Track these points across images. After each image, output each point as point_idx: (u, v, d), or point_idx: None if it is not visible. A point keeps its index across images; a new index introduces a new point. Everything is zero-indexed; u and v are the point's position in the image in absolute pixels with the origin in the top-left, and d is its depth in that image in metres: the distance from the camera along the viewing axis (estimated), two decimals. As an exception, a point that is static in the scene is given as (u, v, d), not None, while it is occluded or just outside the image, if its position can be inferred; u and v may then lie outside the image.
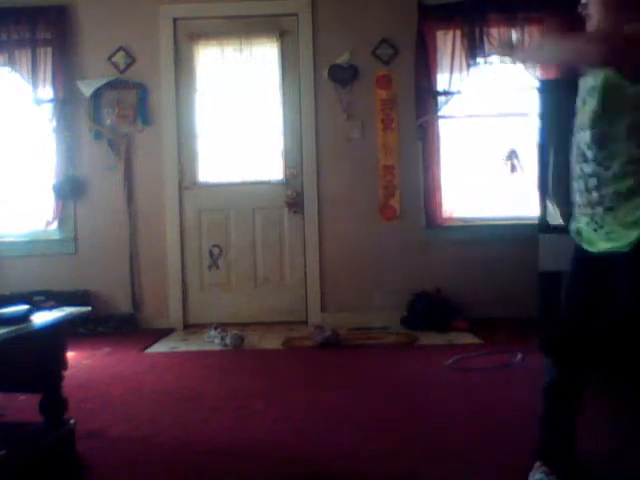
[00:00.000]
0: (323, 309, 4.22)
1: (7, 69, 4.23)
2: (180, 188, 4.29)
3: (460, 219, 4.22)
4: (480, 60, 4.09)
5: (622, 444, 1.90)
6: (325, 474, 1.73)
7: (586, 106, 1.57)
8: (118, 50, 4.23)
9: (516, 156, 4.07)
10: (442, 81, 4.13)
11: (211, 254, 4.32)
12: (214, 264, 4.32)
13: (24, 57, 4.19)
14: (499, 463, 1.78)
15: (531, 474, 1.63)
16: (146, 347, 3.61)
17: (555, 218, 3.04)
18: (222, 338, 3.58)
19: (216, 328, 3.73)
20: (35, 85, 4.20)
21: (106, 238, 4.26)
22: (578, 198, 1.63)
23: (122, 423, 2.21)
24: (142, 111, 4.24)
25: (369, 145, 4.20)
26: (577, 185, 1.62)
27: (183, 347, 3.62)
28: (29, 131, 4.33)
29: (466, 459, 1.81)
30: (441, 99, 4.14)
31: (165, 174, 4.28)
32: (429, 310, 3.88)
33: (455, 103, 4.18)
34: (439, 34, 4.16)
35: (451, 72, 4.11)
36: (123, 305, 4.25)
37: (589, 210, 1.59)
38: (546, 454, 1.67)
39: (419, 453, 1.88)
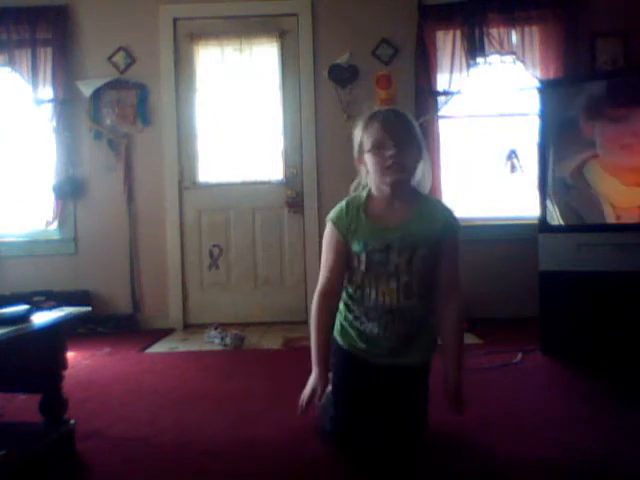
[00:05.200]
0: (323, 309, 4.21)
1: (7, 69, 4.23)
2: (180, 188, 4.29)
3: (460, 219, 4.19)
4: (480, 60, 4.10)
5: (623, 443, 1.90)
6: (325, 474, 1.73)
7: None
8: (118, 50, 4.24)
9: (516, 156, 4.07)
10: (442, 81, 4.14)
11: (211, 254, 4.32)
12: (214, 264, 4.32)
13: (24, 57, 4.19)
14: (497, 463, 1.78)
15: None
16: (146, 347, 3.61)
17: (555, 218, 3.04)
18: (222, 338, 3.58)
19: (216, 328, 3.73)
20: (35, 85, 4.20)
21: (106, 238, 4.27)
22: None
23: (122, 423, 2.21)
24: (142, 111, 4.24)
25: (369, 145, 4.20)
26: None
27: (183, 347, 3.62)
28: (29, 131, 4.33)
29: (464, 458, 1.81)
30: (441, 99, 4.14)
31: (165, 174, 4.28)
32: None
33: (455, 103, 4.18)
34: (439, 34, 4.16)
35: (451, 72, 4.11)
36: (123, 305, 4.26)
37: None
38: None
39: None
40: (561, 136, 3.06)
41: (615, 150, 2.91)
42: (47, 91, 4.22)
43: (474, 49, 4.06)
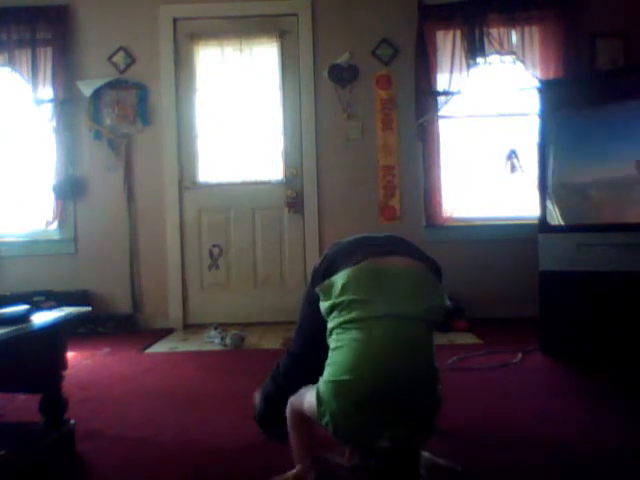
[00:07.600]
0: (323, 309, 4.22)
1: (7, 69, 4.23)
2: (180, 188, 4.29)
3: (460, 219, 4.22)
4: (480, 60, 4.09)
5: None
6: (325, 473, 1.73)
7: None
8: (118, 50, 4.23)
9: (516, 156, 4.07)
10: (442, 81, 4.13)
11: (211, 254, 4.32)
12: (214, 264, 4.32)
13: (24, 57, 4.19)
14: (498, 462, 1.78)
15: None
16: (146, 347, 3.61)
17: (555, 218, 3.04)
18: (222, 338, 3.58)
19: (216, 328, 3.73)
20: (35, 85, 4.19)
21: (106, 238, 4.26)
22: None
23: (122, 423, 2.21)
24: (142, 111, 4.24)
25: (369, 145, 4.21)
26: None
27: (183, 347, 3.61)
28: (29, 131, 4.33)
29: (465, 458, 1.81)
30: (441, 99, 4.14)
31: (165, 174, 4.28)
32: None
33: (455, 103, 4.18)
34: (439, 34, 4.16)
35: (451, 72, 4.11)
36: (123, 305, 4.25)
37: None
38: None
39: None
40: (561, 136, 3.06)
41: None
42: (47, 91, 4.22)
43: (474, 49, 4.06)
